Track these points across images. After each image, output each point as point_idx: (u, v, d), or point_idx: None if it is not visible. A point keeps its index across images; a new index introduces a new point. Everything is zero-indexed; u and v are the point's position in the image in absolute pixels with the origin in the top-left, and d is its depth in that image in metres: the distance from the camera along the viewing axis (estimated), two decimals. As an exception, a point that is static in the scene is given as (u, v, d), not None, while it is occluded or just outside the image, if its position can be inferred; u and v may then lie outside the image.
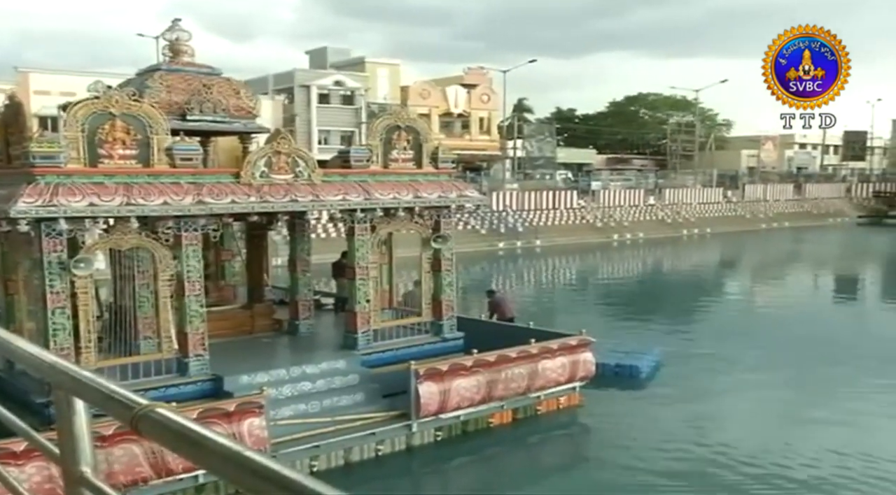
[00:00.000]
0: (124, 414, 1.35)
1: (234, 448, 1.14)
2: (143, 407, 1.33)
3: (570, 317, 23.21)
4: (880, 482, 11.34)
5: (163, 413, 1.30)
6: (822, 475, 11.48)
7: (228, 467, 1.14)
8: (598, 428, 14.26)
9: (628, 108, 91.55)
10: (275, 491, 1.05)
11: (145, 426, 1.31)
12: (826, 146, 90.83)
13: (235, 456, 1.13)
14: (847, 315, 28.23)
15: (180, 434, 1.25)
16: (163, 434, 1.30)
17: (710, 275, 40.44)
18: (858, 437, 13.29)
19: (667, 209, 59.74)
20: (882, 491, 11.05)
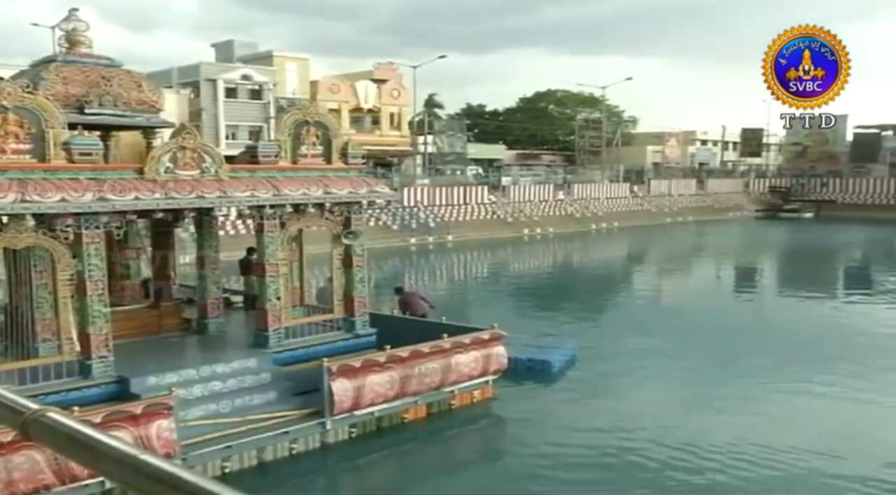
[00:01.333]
0: (14, 420, 1.28)
1: (130, 451, 1.09)
2: (34, 412, 1.26)
3: (482, 312, 23.39)
4: (779, 464, 11.81)
5: (54, 417, 1.23)
6: (726, 460, 11.87)
7: (125, 471, 1.09)
8: (512, 422, 14.43)
9: (538, 105, 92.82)
10: (172, 493, 1.01)
11: (36, 431, 1.24)
12: (726, 143, 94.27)
13: (131, 459, 1.07)
14: (748, 306, 29.37)
15: (73, 438, 1.19)
16: (55, 439, 1.23)
17: (619, 268, 41.45)
18: (761, 423, 13.85)
19: (576, 204, 60.89)
20: (779, 474, 11.50)
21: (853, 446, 12.61)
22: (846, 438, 13.04)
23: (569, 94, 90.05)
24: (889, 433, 13.53)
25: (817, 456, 12.01)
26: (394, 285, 21.18)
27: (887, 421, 14.16)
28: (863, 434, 13.31)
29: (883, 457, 12.06)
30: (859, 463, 11.80)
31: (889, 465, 11.76)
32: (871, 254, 47.43)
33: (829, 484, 11.18)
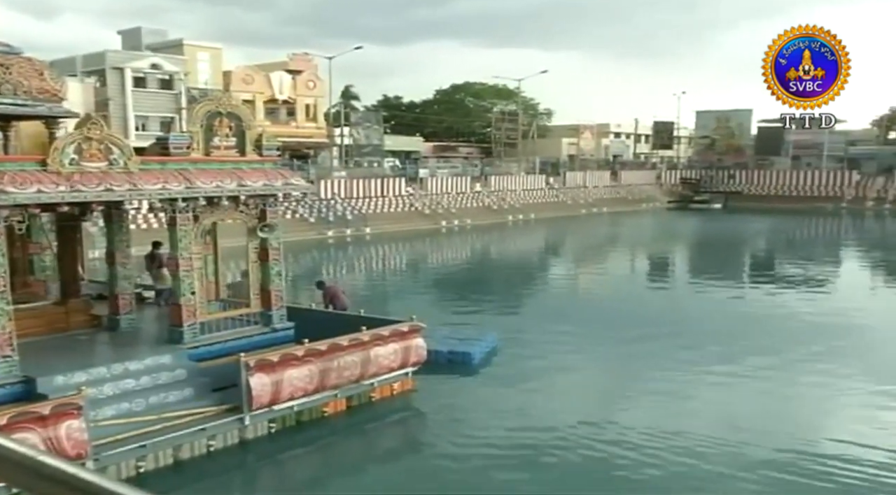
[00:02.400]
0: None
1: (27, 453, 1.02)
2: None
3: (402, 304, 23.38)
4: (690, 448, 12.18)
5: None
6: (644, 449, 12.14)
7: (19, 473, 1.02)
8: (433, 414, 14.45)
9: (454, 97, 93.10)
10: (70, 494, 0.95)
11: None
12: (638, 135, 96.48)
13: (29, 461, 1.01)
14: (661, 294, 30.16)
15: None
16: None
17: (537, 259, 42.02)
18: (673, 409, 14.26)
19: (493, 196, 61.41)
20: (689, 458, 11.85)
21: (763, 428, 13.10)
22: (755, 421, 13.54)
23: (485, 87, 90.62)
24: (796, 415, 14.11)
25: (726, 439, 12.40)
26: (313, 279, 20.99)
27: (793, 404, 14.76)
28: (772, 416, 13.86)
29: (787, 438, 12.57)
30: (765, 445, 12.26)
31: (793, 445, 12.27)
32: (775, 243, 49.38)
33: (738, 465, 11.56)
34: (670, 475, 11.18)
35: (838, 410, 14.41)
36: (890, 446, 12.13)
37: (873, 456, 11.74)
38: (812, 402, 14.89)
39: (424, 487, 11.03)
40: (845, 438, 12.52)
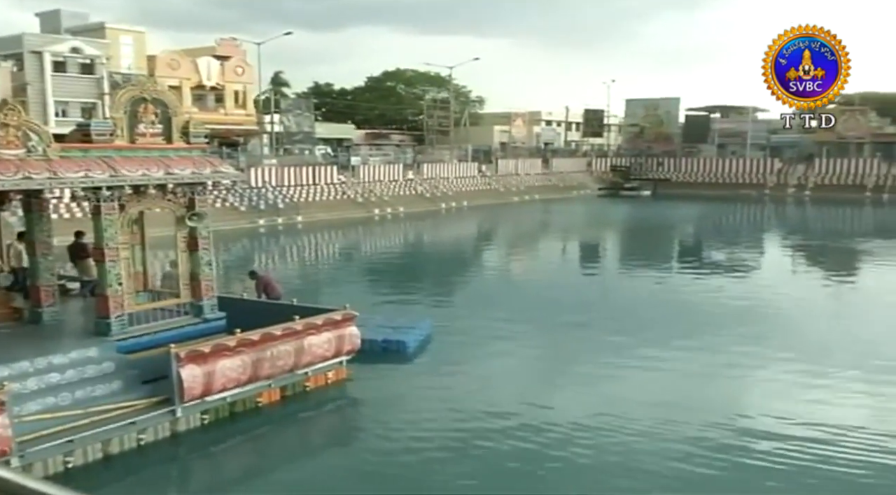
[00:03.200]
0: None
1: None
2: None
3: (335, 293, 23.27)
4: (622, 431, 12.43)
5: None
6: (578, 429, 12.35)
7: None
8: (368, 402, 14.43)
9: (385, 84, 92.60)
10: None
11: None
12: (569, 123, 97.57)
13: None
14: (592, 280, 30.68)
15: None
16: None
17: (471, 246, 42.20)
18: (606, 390, 14.54)
19: (425, 183, 61.41)
20: (622, 440, 12.11)
21: (692, 409, 13.48)
22: (684, 402, 13.90)
23: (417, 74, 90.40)
24: (724, 395, 14.54)
25: (656, 422, 12.67)
26: (245, 268, 20.70)
27: (721, 384, 15.19)
28: (701, 397, 14.26)
29: (716, 417, 12.94)
30: (695, 424, 12.61)
31: (721, 424, 12.66)
32: (702, 229, 50.61)
33: (667, 447, 11.84)
34: (602, 460, 11.38)
35: (763, 389, 14.88)
36: (810, 421, 12.61)
37: (795, 431, 12.21)
38: (738, 382, 15.32)
39: (360, 476, 11.01)
40: (770, 415, 12.97)
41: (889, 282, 28.86)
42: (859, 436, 12.02)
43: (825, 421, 12.70)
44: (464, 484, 10.65)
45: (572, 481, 10.70)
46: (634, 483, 10.53)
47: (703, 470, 10.98)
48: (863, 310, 23.34)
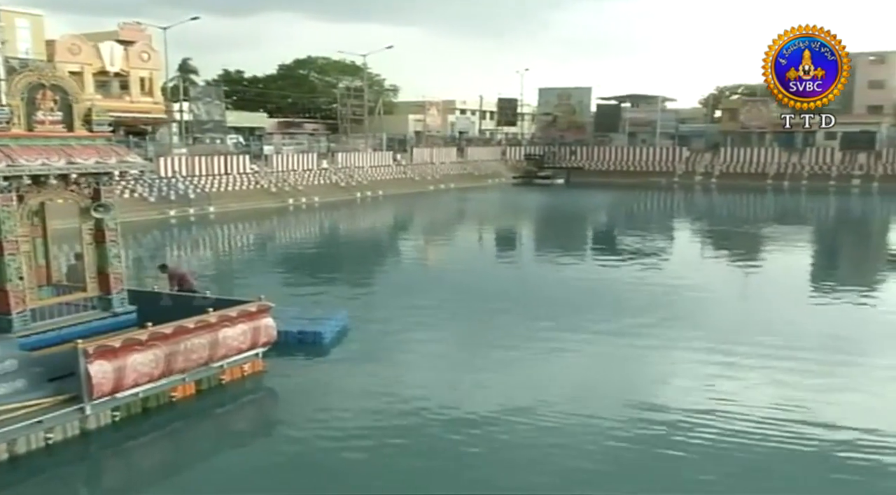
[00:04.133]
0: None
1: None
2: None
3: (251, 285, 22.88)
4: (543, 417, 12.60)
5: None
6: (496, 418, 12.42)
7: None
8: (285, 394, 14.21)
9: (298, 72, 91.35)
10: None
11: None
12: (483, 112, 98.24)
13: None
14: (509, 267, 30.99)
15: None
16: None
17: (387, 236, 42.06)
18: (524, 377, 14.69)
19: (340, 173, 60.90)
20: (543, 425, 12.28)
21: (609, 394, 13.82)
22: (601, 388, 14.23)
23: (329, 62, 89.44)
24: (640, 379, 14.91)
25: (574, 409, 12.85)
26: (156, 260, 20.10)
27: (634, 367, 15.57)
28: (618, 383, 14.58)
29: (632, 402, 13.26)
30: (612, 405, 12.91)
31: (634, 403, 13.00)
32: (614, 216, 51.72)
33: (585, 434, 12.05)
34: (518, 448, 11.44)
35: (676, 372, 15.26)
36: (721, 400, 13.06)
37: (707, 406, 12.63)
38: (651, 364, 15.72)
39: (279, 468, 10.84)
40: (682, 398, 13.36)
41: (786, 265, 30.15)
42: (762, 414, 12.50)
43: (732, 399, 13.20)
44: (380, 475, 10.60)
45: (487, 473, 10.71)
46: (549, 477, 10.59)
47: (620, 455, 11.23)
48: (764, 292, 24.34)
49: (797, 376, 14.58)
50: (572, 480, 10.39)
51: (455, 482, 10.34)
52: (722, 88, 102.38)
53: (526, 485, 10.21)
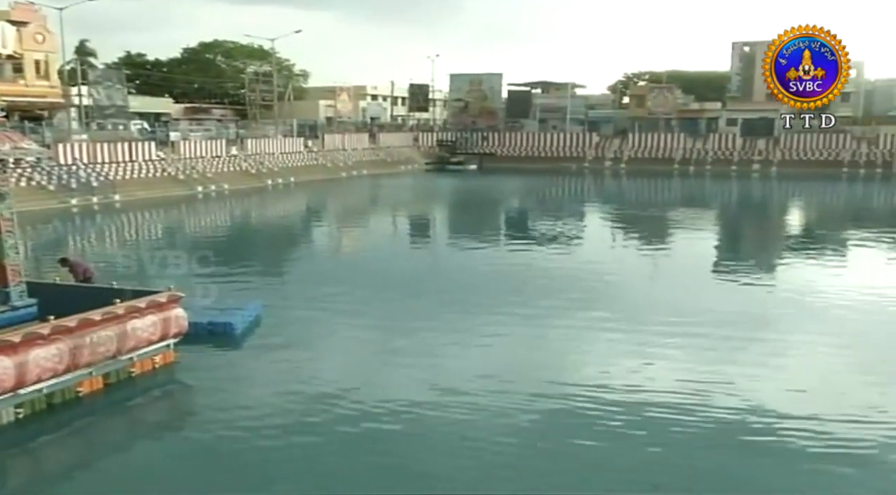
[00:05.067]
0: None
1: None
2: None
3: (160, 275, 22.10)
4: (460, 398, 12.62)
5: None
6: (409, 408, 12.33)
7: None
8: (197, 386, 13.81)
9: (204, 56, 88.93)
10: None
11: None
12: (395, 98, 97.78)
13: None
14: (424, 253, 30.98)
15: None
16: None
17: (301, 223, 41.48)
18: (439, 364, 14.69)
19: (250, 159, 59.69)
20: (458, 407, 12.29)
21: (525, 372, 13.94)
22: (516, 371, 14.28)
23: (237, 46, 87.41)
24: (550, 357, 15.07)
25: (489, 393, 12.88)
26: (58, 251, 19.21)
27: (549, 350, 15.74)
28: (533, 365, 14.69)
29: (544, 379, 13.46)
30: (528, 388, 13.03)
31: (550, 382, 13.20)
32: (527, 201, 52.29)
33: (504, 409, 12.14)
34: (437, 433, 11.42)
35: (590, 352, 15.52)
36: (636, 382, 13.37)
37: (620, 384, 12.90)
38: (565, 346, 15.90)
39: (191, 460, 10.55)
40: (595, 376, 13.64)
41: (692, 247, 31.16)
42: (672, 390, 12.91)
43: (643, 375, 13.62)
44: (294, 464, 10.42)
45: (405, 460, 10.64)
46: (468, 460, 10.60)
47: (537, 436, 11.35)
48: (671, 274, 25.09)
49: (705, 352, 15.10)
50: (491, 463, 10.43)
51: (371, 468, 10.25)
52: (629, 75, 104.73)
53: (445, 470, 10.19)
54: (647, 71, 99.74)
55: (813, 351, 15.50)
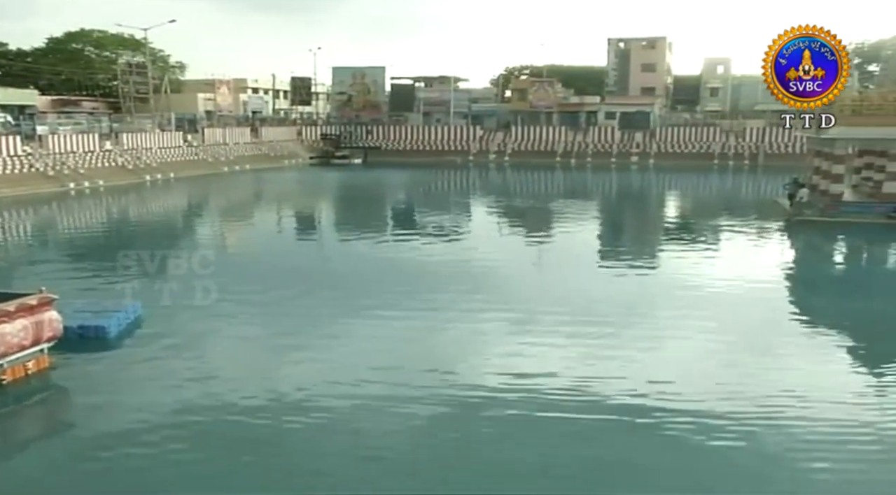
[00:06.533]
0: None
1: None
2: None
3: (32, 277, 20.93)
4: (354, 391, 12.47)
5: None
6: (299, 404, 12.15)
7: None
8: (75, 392, 13.10)
9: (71, 45, 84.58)
10: None
11: None
12: (277, 91, 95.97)
13: None
14: (312, 248, 30.50)
15: None
16: None
17: (183, 220, 40.11)
18: (328, 359, 14.49)
19: (126, 154, 57.29)
20: (351, 402, 12.17)
21: (417, 365, 13.93)
22: (410, 360, 14.32)
23: (107, 36, 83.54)
24: (440, 349, 15.12)
25: (384, 385, 12.89)
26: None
27: (438, 340, 15.78)
28: (421, 354, 14.75)
29: (436, 370, 13.51)
30: (421, 381, 13.06)
31: (440, 372, 13.30)
32: (414, 194, 52.26)
33: (399, 404, 12.07)
34: (327, 433, 11.24)
35: (480, 342, 15.67)
36: (522, 370, 13.57)
37: (512, 373, 13.04)
38: (457, 337, 16.01)
39: (70, 469, 10.01)
40: (487, 367, 13.78)
41: (576, 238, 31.97)
42: (557, 377, 13.23)
43: (530, 364, 13.89)
44: (171, 470, 10.02)
45: (293, 460, 10.39)
46: (358, 460, 10.45)
47: (431, 430, 11.34)
48: (555, 264, 25.67)
49: (589, 339, 15.61)
50: (382, 458, 10.36)
51: (257, 468, 9.98)
52: (511, 69, 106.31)
53: (332, 468, 10.03)
54: (528, 65, 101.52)
55: (688, 335, 16.16)
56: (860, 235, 30.14)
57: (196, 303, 18.44)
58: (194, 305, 18.30)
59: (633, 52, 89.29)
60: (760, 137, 75.59)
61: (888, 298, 20.54)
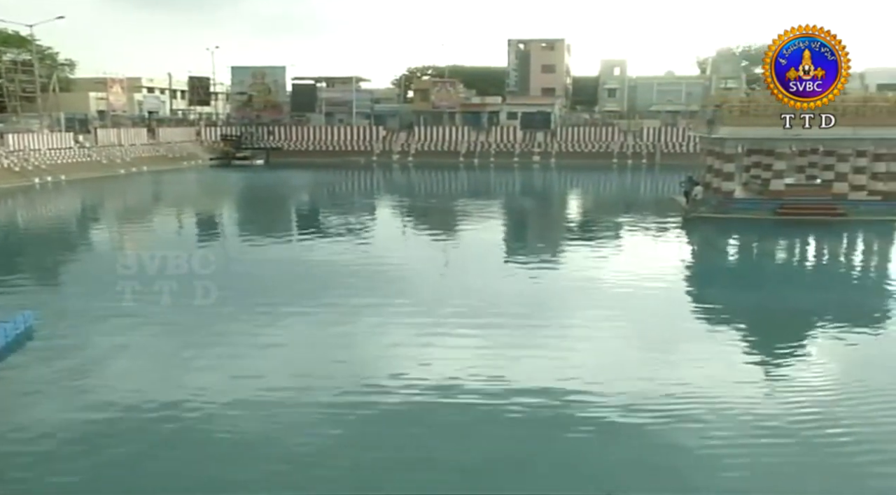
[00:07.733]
0: None
1: None
2: None
3: None
4: (268, 396, 12.28)
5: None
6: (210, 403, 12.03)
7: None
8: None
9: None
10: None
11: None
12: (174, 91, 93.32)
13: None
14: (213, 251, 29.67)
15: None
16: None
17: (76, 225, 38.48)
18: (235, 366, 14.26)
19: (13, 156, 54.63)
20: (264, 405, 11.97)
21: (328, 369, 13.86)
22: (321, 365, 14.17)
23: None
24: (350, 351, 15.08)
25: (295, 391, 12.79)
26: None
27: (347, 342, 15.73)
28: (330, 355, 14.64)
29: (345, 371, 13.45)
30: (329, 381, 13.06)
31: (351, 375, 13.27)
32: (317, 195, 51.77)
33: (309, 408, 11.94)
34: (227, 442, 11.08)
35: (389, 343, 15.73)
36: (437, 370, 13.65)
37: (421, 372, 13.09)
38: (365, 338, 16.04)
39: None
40: (394, 367, 13.81)
41: (480, 237, 32.47)
42: (472, 375, 13.41)
43: (442, 363, 13.99)
44: (71, 482, 9.76)
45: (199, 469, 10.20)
46: (271, 466, 10.35)
47: (342, 433, 11.35)
48: (461, 263, 25.97)
49: (499, 337, 15.98)
50: (300, 462, 10.28)
51: (160, 477, 9.78)
52: (413, 69, 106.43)
53: (236, 475, 9.87)
54: (430, 65, 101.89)
55: (593, 334, 16.61)
56: (751, 231, 31.51)
57: (91, 312, 17.84)
58: (89, 313, 17.72)
59: (532, 53, 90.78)
60: (657, 137, 78.03)
61: (777, 289, 21.60)
